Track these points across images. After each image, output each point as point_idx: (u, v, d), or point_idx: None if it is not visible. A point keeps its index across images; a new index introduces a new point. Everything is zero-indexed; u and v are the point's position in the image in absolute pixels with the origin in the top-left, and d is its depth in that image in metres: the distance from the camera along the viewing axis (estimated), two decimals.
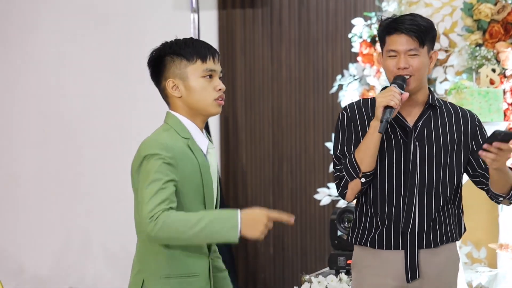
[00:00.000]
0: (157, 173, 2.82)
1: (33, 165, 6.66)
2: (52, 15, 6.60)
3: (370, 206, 3.27)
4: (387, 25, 3.21)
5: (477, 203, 5.29)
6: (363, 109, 3.27)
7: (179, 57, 2.95)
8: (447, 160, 3.24)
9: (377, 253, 3.27)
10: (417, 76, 3.19)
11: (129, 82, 6.46)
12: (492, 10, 5.12)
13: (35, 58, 6.64)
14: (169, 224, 2.77)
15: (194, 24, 6.08)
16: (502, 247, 5.00)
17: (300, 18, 6.24)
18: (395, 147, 3.21)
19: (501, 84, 5.05)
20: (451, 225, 3.31)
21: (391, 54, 3.19)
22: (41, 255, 6.61)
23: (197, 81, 2.97)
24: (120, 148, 6.52)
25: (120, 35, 6.50)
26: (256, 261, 6.50)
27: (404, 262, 3.23)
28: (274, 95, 6.36)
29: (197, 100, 2.97)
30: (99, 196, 6.56)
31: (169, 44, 2.99)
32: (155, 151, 2.85)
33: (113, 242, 6.49)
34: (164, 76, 2.97)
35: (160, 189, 2.80)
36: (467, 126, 3.29)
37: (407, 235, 3.23)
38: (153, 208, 2.77)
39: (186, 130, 2.96)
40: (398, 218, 3.23)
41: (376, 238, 3.26)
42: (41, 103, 6.64)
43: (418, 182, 3.22)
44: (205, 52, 2.97)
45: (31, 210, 6.64)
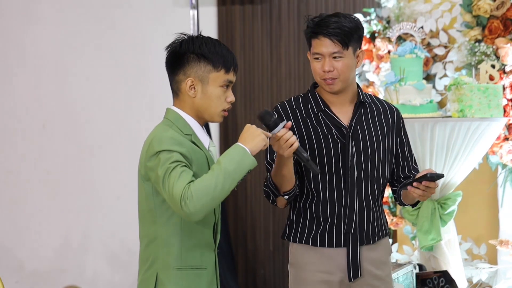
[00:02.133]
0: (174, 162, 2.88)
1: (32, 161, 6.65)
2: (51, 11, 6.59)
3: (310, 206, 3.30)
4: (312, 28, 3.25)
5: (477, 200, 5.30)
6: (296, 110, 3.32)
7: (206, 60, 3.00)
8: (380, 156, 3.31)
9: (318, 250, 3.31)
10: (342, 78, 3.25)
11: (128, 78, 6.45)
12: (491, 6, 5.12)
13: (34, 54, 6.63)
14: (196, 196, 2.83)
15: (193, 21, 6.07)
16: (502, 243, 5.00)
17: (299, 14, 6.23)
18: (333, 147, 3.26)
19: (500, 80, 5.04)
20: (384, 220, 3.40)
21: (316, 56, 3.26)
22: (40, 251, 6.61)
23: (216, 89, 3.01)
24: (119, 145, 6.51)
25: (120, 31, 6.49)
26: (256, 257, 6.50)
27: (346, 259, 3.29)
28: (274, 91, 6.35)
29: (209, 106, 3.02)
30: (99, 193, 6.55)
31: (198, 42, 3.03)
32: (168, 146, 2.90)
33: (113, 238, 6.49)
34: (185, 71, 3.01)
35: (182, 172, 2.86)
36: (393, 122, 3.37)
37: (349, 234, 3.29)
38: (181, 189, 2.83)
39: (188, 126, 3.01)
40: (340, 217, 3.28)
41: (318, 237, 3.30)
42: (40, 99, 6.63)
43: (356, 180, 3.27)
44: (230, 63, 3.03)
45: (31, 207, 6.64)
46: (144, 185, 3.00)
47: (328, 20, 3.23)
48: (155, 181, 2.93)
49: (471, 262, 5.28)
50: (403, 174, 3.40)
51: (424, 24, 5.41)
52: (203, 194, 2.82)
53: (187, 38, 3.04)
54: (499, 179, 5.15)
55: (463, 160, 4.85)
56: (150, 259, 3.02)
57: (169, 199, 2.87)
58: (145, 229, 3.04)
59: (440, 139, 4.81)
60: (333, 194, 3.26)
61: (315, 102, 3.31)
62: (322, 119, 3.28)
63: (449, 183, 4.90)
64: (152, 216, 3.00)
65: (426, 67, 5.37)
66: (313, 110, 3.30)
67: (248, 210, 6.45)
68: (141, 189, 3.02)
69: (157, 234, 2.99)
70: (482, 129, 4.82)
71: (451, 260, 4.94)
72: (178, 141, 2.93)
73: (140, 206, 3.05)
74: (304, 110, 3.31)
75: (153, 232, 3.00)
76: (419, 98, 4.96)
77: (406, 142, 3.41)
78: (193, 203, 2.81)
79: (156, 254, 3.00)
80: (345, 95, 3.30)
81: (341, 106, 3.31)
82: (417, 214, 4.95)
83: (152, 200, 2.99)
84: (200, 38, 3.04)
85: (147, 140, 2.99)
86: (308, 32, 3.27)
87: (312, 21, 3.26)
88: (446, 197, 4.92)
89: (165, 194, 2.88)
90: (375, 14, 5.60)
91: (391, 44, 5.40)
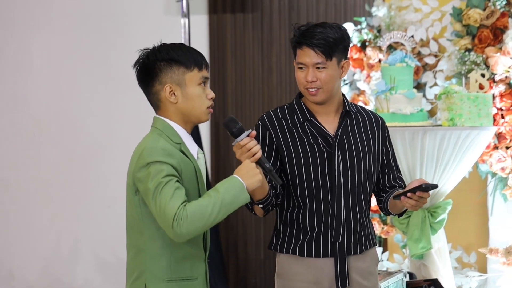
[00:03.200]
0: (167, 176, 2.86)
1: (23, 170, 6.64)
2: (42, 19, 6.59)
3: (297, 216, 3.29)
4: (297, 38, 3.26)
5: (467, 208, 5.32)
6: (282, 120, 3.31)
7: (177, 64, 2.99)
8: (366, 165, 3.31)
9: (305, 261, 3.29)
10: (325, 88, 3.25)
11: (119, 87, 6.45)
12: (481, 15, 5.14)
13: (25, 63, 6.63)
14: (191, 218, 2.83)
15: (184, 29, 6.08)
16: (492, 252, 5.01)
17: (290, 23, 6.24)
18: (319, 157, 3.26)
19: (490, 89, 5.06)
20: (371, 230, 3.39)
21: (300, 66, 3.27)
22: (31, 260, 6.60)
23: (195, 88, 3.01)
24: (110, 153, 6.51)
25: (111, 40, 6.50)
26: (247, 266, 6.50)
27: (334, 269, 3.28)
28: (265, 99, 6.36)
29: (193, 107, 3.01)
30: (89, 201, 6.54)
31: (164, 49, 3.01)
32: (159, 158, 2.89)
33: (103, 247, 6.48)
34: (160, 80, 3.00)
35: (176, 189, 2.85)
36: (379, 131, 3.38)
37: (337, 244, 3.28)
38: (175, 209, 2.82)
39: (177, 135, 3.00)
40: (327, 227, 3.26)
41: (305, 247, 3.29)
42: (31, 107, 6.63)
43: (343, 189, 3.27)
44: (201, 60, 3.03)
45: (21, 215, 6.62)
46: (132, 195, 2.98)
47: (313, 30, 3.23)
48: (143, 193, 2.91)
49: (461, 271, 5.29)
50: (389, 183, 3.40)
51: (415, 33, 5.43)
52: (197, 219, 2.82)
53: (151, 49, 3.03)
54: (489, 187, 5.17)
55: (453, 169, 4.87)
56: (138, 270, 3.00)
57: (159, 215, 2.85)
58: (132, 239, 3.02)
59: (431, 147, 4.82)
60: (320, 203, 3.25)
61: (301, 112, 3.30)
62: (308, 128, 3.28)
63: (439, 191, 4.91)
64: (140, 227, 2.98)
65: (416, 76, 5.39)
66: (299, 119, 3.29)
67: (239, 219, 6.45)
68: (129, 199, 3.00)
69: (145, 246, 2.97)
70: (472, 138, 4.83)
71: (441, 269, 4.94)
72: (169, 152, 2.91)
73: (128, 217, 3.04)
74: (290, 119, 3.30)
75: (141, 243, 2.98)
76: (409, 106, 4.98)
77: (391, 152, 3.41)
78: (186, 225, 2.81)
79: (144, 266, 2.98)
80: (330, 105, 3.30)
81: (327, 115, 3.31)
82: (407, 223, 4.96)
83: (140, 211, 2.97)
84: (164, 45, 3.03)
85: (137, 150, 2.97)
86: (293, 42, 3.28)
87: (298, 30, 3.26)
88: (436, 205, 4.93)
89: (155, 209, 2.86)
90: (366, 23, 5.62)
91: (382, 53, 5.42)
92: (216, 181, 6.44)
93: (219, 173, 6.46)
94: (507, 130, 5.05)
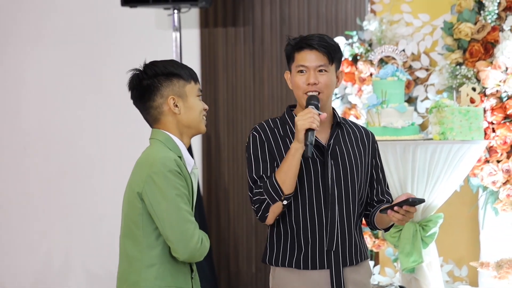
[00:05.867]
0: (182, 196, 2.95)
1: (13, 183, 6.63)
2: (33, 33, 6.59)
3: (291, 227, 3.26)
4: (296, 42, 3.26)
5: (458, 222, 5.32)
6: (274, 129, 3.30)
7: (176, 76, 3.05)
8: (358, 175, 3.30)
9: (301, 274, 3.26)
10: (325, 93, 3.25)
11: (110, 100, 6.45)
12: (472, 29, 5.16)
13: (16, 76, 6.63)
14: (204, 245, 2.99)
15: (176, 43, 6.08)
16: (483, 265, 5.02)
17: (282, 37, 6.26)
18: (313, 167, 3.25)
19: (481, 103, 5.07)
20: (363, 242, 3.39)
21: (301, 69, 3.24)
22: (21, 274, 6.57)
23: (195, 100, 3.09)
24: (101, 166, 6.50)
25: (103, 54, 6.50)
26: (239, 279, 6.48)
27: (330, 281, 3.26)
28: (256, 113, 6.37)
29: (193, 118, 3.07)
30: (80, 214, 6.53)
31: (160, 64, 3.06)
32: (172, 167, 2.95)
33: (94, 261, 6.46)
34: (161, 94, 3.04)
35: (189, 214, 2.96)
36: (369, 144, 3.38)
37: (332, 254, 3.26)
38: (196, 232, 2.95)
39: (177, 148, 3.05)
40: (322, 237, 3.25)
41: (301, 259, 3.26)
42: (22, 121, 6.62)
43: (337, 198, 3.26)
44: (195, 74, 3.11)
45: (12, 229, 6.60)
46: (137, 203, 2.99)
47: (313, 36, 3.26)
48: (150, 206, 2.95)
49: (453, 284, 5.29)
50: (377, 197, 3.39)
51: (406, 47, 5.45)
52: (206, 248, 3.00)
53: (144, 66, 3.07)
54: (480, 201, 5.18)
55: (445, 183, 4.87)
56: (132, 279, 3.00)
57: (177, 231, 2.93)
58: (127, 248, 3.02)
59: (422, 161, 4.83)
60: (313, 214, 3.24)
61: (293, 123, 3.27)
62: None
63: (431, 205, 4.91)
64: (138, 236, 2.99)
65: (407, 89, 5.40)
66: (291, 130, 3.28)
67: (231, 232, 6.44)
68: (129, 208, 3.01)
69: (142, 255, 2.99)
70: (463, 152, 4.84)
71: (432, 282, 4.94)
72: (179, 163, 2.98)
73: (125, 226, 3.04)
74: (282, 130, 3.30)
75: (137, 252, 2.99)
76: (400, 120, 4.98)
77: (380, 166, 3.41)
78: (204, 251, 2.98)
79: (138, 275, 2.99)
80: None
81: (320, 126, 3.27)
82: (398, 236, 4.96)
83: (141, 219, 2.99)
84: (157, 61, 3.09)
85: (146, 158, 2.99)
86: (292, 46, 3.26)
87: (294, 39, 3.27)
88: (427, 219, 4.93)
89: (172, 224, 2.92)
90: (357, 37, 5.64)
91: (373, 67, 5.43)
92: (207, 194, 6.44)
93: (210, 186, 6.45)
94: (498, 144, 5.06)
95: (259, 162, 3.25)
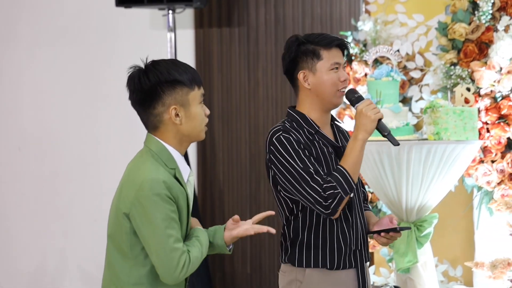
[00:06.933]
0: (169, 220, 2.83)
1: (9, 184, 6.62)
2: (27, 34, 6.59)
3: (324, 227, 3.24)
4: (322, 39, 3.24)
5: (453, 222, 5.33)
6: (299, 130, 3.26)
7: (180, 84, 2.90)
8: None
9: (331, 274, 3.25)
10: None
11: (105, 101, 6.44)
12: (467, 29, 5.17)
13: (10, 77, 6.62)
14: (192, 265, 2.89)
15: (171, 43, 6.08)
16: (478, 265, 5.02)
17: (276, 37, 6.26)
18: (333, 167, 3.24)
19: (475, 103, 5.08)
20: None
21: (336, 66, 3.25)
22: (16, 276, 6.56)
23: (197, 107, 2.95)
24: (95, 167, 6.49)
25: (97, 54, 6.49)
26: (234, 281, 6.48)
27: (356, 280, 3.28)
28: (251, 114, 6.36)
29: (194, 127, 2.94)
30: (75, 216, 6.52)
31: (165, 69, 2.90)
32: (160, 190, 2.83)
33: (90, 262, 6.45)
34: (163, 102, 2.89)
35: (176, 240, 2.85)
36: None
37: (357, 252, 3.28)
38: (182, 259, 2.85)
39: (172, 159, 2.91)
40: (350, 236, 3.26)
41: (335, 259, 3.25)
42: (17, 122, 6.61)
43: (357, 197, 3.30)
44: (199, 77, 2.97)
45: (6, 230, 6.59)
46: (124, 222, 2.89)
47: (327, 34, 3.30)
48: (138, 229, 2.85)
49: (447, 284, 5.29)
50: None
51: (400, 47, 5.45)
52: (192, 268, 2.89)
53: (146, 68, 2.91)
54: (475, 201, 5.18)
55: (439, 183, 4.88)
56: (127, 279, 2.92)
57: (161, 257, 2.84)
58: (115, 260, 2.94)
59: (416, 161, 4.83)
60: (342, 213, 3.24)
61: (308, 124, 3.26)
62: (320, 140, 3.26)
63: (425, 205, 4.91)
64: (126, 254, 2.91)
65: (402, 90, 5.40)
66: (310, 132, 3.25)
67: None
68: (117, 223, 2.92)
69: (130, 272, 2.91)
70: (457, 152, 4.85)
71: (427, 282, 4.94)
72: (169, 185, 2.84)
73: (113, 239, 2.95)
74: (302, 131, 3.26)
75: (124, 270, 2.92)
76: (395, 121, 4.99)
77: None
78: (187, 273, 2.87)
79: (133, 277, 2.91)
80: (328, 114, 3.33)
81: (324, 126, 3.30)
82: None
83: (129, 238, 2.90)
84: (160, 63, 2.92)
85: (135, 176, 2.87)
86: (317, 43, 3.23)
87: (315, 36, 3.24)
88: (422, 219, 4.93)
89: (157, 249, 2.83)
90: (352, 37, 5.64)
91: (368, 67, 5.43)
92: (202, 195, 6.44)
93: (205, 186, 6.45)
94: (493, 144, 5.07)
95: (307, 157, 3.19)
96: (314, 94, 3.26)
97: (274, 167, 3.22)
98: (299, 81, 3.29)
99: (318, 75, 3.25)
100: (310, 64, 3.25)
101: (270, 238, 6.30)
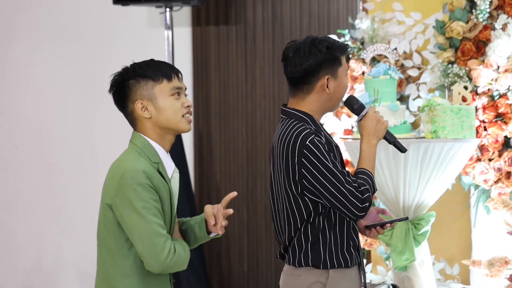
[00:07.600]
0: (151, 208, 2.88)
1: (4, 182, 6.61)
2: (23, 31, 6.58)
3: (348, 227, 3.28)
4: (343, 46, 3.28)
5: (450, 220, 5.33)
6: (322, 132, 3.28)
7: (145, 79, 2.99)
8: None
9: (346, 272, 3.28)
10: None
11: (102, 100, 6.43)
12: (464, 28, 5.16)
13: (6, 74, 6.61)
14: (177, 255, 2.92)
15: (168, 41, 6.08)
16: (475, 264, 5.02)
17: (274, 35, 6.26)
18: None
19: (473, 101, 5.08)
20: None
21: (347, 71, 3.40)
22: (12, 274, 6.55)
23: (166, 100, 3.00)
24: (92, 165, 6.49)
25: (94, 52, 6.49)
26: (231, 278, 6.48)
27: (359, 275, 3.33)
28: (248, 112, 6.36)
29: (168, 118, 2.99)
30: (71, 213, 6.51)
31: (131, 68, 3.02)
32: (141, 180, 2.88)
33: (86, 260, 6.44)
34: (131, 99, 3.00)
35: (160, 226, 2.89)
36: None
37: (360, 248, 3.36)
38: (167, 245, 2.88)
39: (156, 154, 2.99)
40: (356, 232, 3.34)
41: (352, 256, 3.29)
42: (13, 119, 6.60)
43: None
44: (169, 71, 3.01)
45: (2, 228, 6.58)
46: (106, 214, 2.97)
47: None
48: (123, 215, 2.91)
49: (444, 282, 5.29)
50: None
51: (398, 46, 5.45)
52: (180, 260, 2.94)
53: (119, 71, 3.04)
54: (472, 199, 5.18)
55: (437, 181, 4.88)
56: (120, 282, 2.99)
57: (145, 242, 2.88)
58: (102, 257, 3.04)
59: (414, 160, 4.83)
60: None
61: (317, 126, 3.28)
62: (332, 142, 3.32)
63: (423, 203, 4.91)
64: (111, 245, 2.99)
65: (399, 88, 5.40)
66: (326, 132, 3.32)
67: None
68: (102, 217, 3.00)
69: (116, 264, 2.98)
70: (455, 150, 4.85)
71: (424, 280, 4.95)
72: (150, 174, 2.90)
73: (100, 235, 3.03)
74: (322, 133, 3.28)
75: (111, 262, 3.00)
76: (393, 119, 4.99)
77: None
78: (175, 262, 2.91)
79: (114, 285, 3.00)
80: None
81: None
82: (391, 235, 4.96)
83: (113, 229, 2.97)
84: (133, 64, 3.03)
85: (117, 169, 2.95)
86: (339, 50, 3.27)
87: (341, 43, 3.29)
88: (419, 217, 4.93)
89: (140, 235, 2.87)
90: (349, 36, 5.64)
91: (365, 65, 5.43)
92: (199, 192, 6.43)
93: (202, 184, 6.45)
94: (490, 142, 5.07)
95: (334, 159, 3.20)
96: (329, 98, 3.26)
97: (305, 170, 3.17)
98: (320, 85, 3.26)
99: (339, 81, 3.27)
100: (334, 70, 3.26)
101: (267, 236, 6.30)
